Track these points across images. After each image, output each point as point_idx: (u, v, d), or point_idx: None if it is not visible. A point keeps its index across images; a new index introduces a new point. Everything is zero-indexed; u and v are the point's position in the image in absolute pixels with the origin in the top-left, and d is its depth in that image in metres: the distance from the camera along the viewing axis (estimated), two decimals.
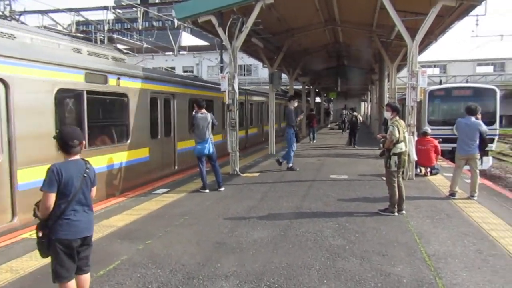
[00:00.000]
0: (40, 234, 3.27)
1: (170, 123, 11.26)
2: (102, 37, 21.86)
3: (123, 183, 8.92)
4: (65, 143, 3.35)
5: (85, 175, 3.36)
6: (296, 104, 11.71)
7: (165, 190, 8.65)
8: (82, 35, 22.66)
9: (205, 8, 10.40)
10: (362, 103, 52.23)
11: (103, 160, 8.24)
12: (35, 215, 3.32)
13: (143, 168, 9.76)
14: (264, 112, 22.61)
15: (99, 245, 5.05)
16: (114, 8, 21.98)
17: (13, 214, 6.11)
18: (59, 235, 3.25)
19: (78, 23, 24.62)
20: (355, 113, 19.56)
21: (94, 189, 3.53)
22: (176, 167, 11.39)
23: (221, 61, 26.56)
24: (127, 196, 8.22)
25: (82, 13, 22.81)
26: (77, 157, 3.42)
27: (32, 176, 6.18)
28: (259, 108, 22.30)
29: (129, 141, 9.20)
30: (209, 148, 8.37)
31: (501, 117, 17.42)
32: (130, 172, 9.11)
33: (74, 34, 21.29)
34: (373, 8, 11.33)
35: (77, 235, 3.33)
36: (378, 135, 8.14)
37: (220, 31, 10.36)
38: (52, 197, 3.20)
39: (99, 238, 5.46)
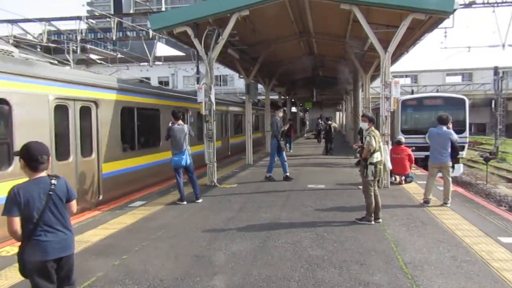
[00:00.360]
0: (18, 257, 3.14)
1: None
2: (74, 47, 21.49)
3: None
4: (33, 160, 3.13)
5: (51, 192, 3.14)
6: (281, 114, 11.71)
7: (142, 202, 8.50)
8: (53, 45, 22.28)
9: (181, 19, 10.40)
10: (338, 113, 53.10)
11: None
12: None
13: None
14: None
15: None
16: (87, 18, 21.63)
17: (99, 194, 8.61)
18: (29, 256, 3.09)
19: (49, 33, 24.13)
20: (330, 122, 20.26)
21: (72, 204, 3.34)
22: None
23: (197, 72, 26.53)
24: (102, 209, 8.03)
25: (54, 22, 22.37)
26: (43, 173, 3.21)
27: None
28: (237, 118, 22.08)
29: None
30: (187, 159, 8.30)
31: (470, 125, 18.01)
32: None
33: (45, 44, 20.88)
34: (347, 21, 11.58)
35: (48, 257, 3.13)
36: (354, 145, 8.26)
37: (196, 42, 10.36)
38: (15, 221, 3.03)
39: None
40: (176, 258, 5.18)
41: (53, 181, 3.19)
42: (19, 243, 3.16)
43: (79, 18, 21.05)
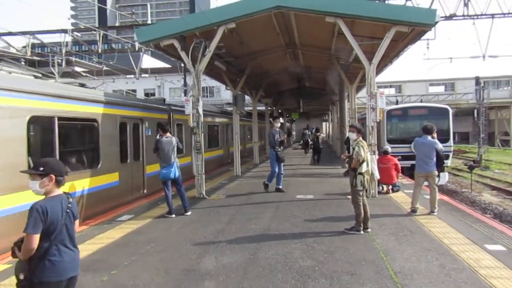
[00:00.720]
0: (22, 277, 2.98)
1: None
2: (59, 60, 21.33)
3: None
4: (62, 175, 3.13)
5: (68, 210, 3.12)
6: (279, 124, 11.56)
7: (130, 216, 8.40)
8: (38, 58, 22.08)
9: (167, 32, 10.44)
10: (324, 123, 53.49)
11: None
12: (14, 255, 3.03)
13: None
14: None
15: None
16: (73, 31, 21.52)
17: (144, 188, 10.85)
18: (43, 278, 2.98)
19: (33, 46, 23.91)
20: (318, 133, 20.78)
21: (76, 223, 3.29)
22: None
23: (185, 84, 26.54)
24: (89, 224, 7.92)
25: (38, 35, 22.21)
26: (60, 191, 3.18)
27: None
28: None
29: None
30: (175, 172, 8.27)
31: (454, 134, 18.35)
32: None
33: (29, 57, 20.68)
34: (332, 33, 11.75)
35: (61, 277, 3.06)
36: (342, 156, 8.34)
37: (183, 54, 10.39)
38: (37, 239, 2.93)
39: None
40: (166, 272, 5.13)
41: (70, 199, 3.18)
42: (14, 260, 3.05)
43: (64, 31, 20.94)
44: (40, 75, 10.58)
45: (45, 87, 8.06)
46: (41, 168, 3.09)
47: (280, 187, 11.08)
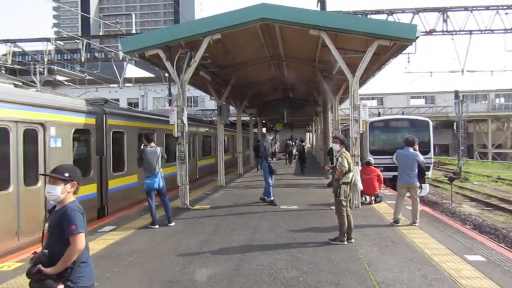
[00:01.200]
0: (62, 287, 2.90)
1: None
2: (41, 69, 21.04)
3: None
4: (81, 181, 3.21)
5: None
6: (271, 137, 11.53)
7: (112, 227, 8.27)
8: (19, 67, 21.73)
9: (152, 42, 10.45)
10: (308, 134, 53.88)
11: None
12: (38, 276, 2.86)
13: None
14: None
15: None
16: (55, 40, 21.29)
17: None
18: (83, 282, 2.99)
19: (14, 54, 23.56)
20: (303, 143, 21.94)
21: None
22: None
23: (169, 94, 26.46)
24: None
25: (20, 44, 21.91)
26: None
27: None
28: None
29: None
30: (159, 182, 8.20)
31: (434, 146, 18.72)
32: None
33: (10, 65, 20.35)
34: (316, 45, 11.94)
35: (93, 280, 3.14)
36: (326, 167, 8.41)
37: (168, 64, 10.39)
38: (85, 239, 2.99)
39: None
40: (149, 284, 5.06)
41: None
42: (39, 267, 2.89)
43: (47, 39, 20.69)
44: (21, 83, 10.41)
45: None
46: (67, 174, 3.10)
47: (265, 197, 10.94)
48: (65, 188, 3.07)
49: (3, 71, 18.13)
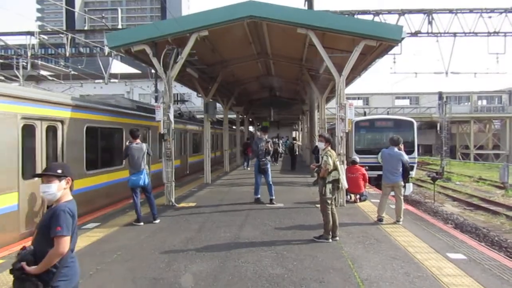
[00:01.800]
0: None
1: None
2: (24, 63, 20.63)
3: None
4: (72, 180, 3.15)
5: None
6: (264, 136, 10.91)
7: (96, 224, 8.17)
8: (1, 60, 21.27)
9: (139, 37, 10.34)
10: (294, 132, 54.05)
11: None
12: (20, 274, 2.82)
13: None
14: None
15: None
16: (39, 33, 20.89)
17: None
18: (69, 283, 2.98)
19: None
20: (294, 142, 22.67)
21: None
22: None
23: (156, 90, 26.25)
24: None
25: (2, 37, 21.45)
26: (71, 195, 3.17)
27: None
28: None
29: None
30: (145, 179, 8.13)
31: (418, 146, 18.99)
32: None
33: None
34: (303, 44, 11.98)
35: (76, 281, 3.09)
36: (311, 166, 8.45)
37: (154, 61, 10.30)
38: (69, 242, 2.92)
39: None
40: (133, 281, 5.02)
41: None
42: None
43: (30, 33, 20.29)
44: (3, 78, 10.25)
45: None
46: (59, 171, 3.06)
47: (272, 198, 10.47)
48: (60, 185, 3.03)
49: None
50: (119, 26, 30.11)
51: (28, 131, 7.83)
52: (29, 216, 7.68)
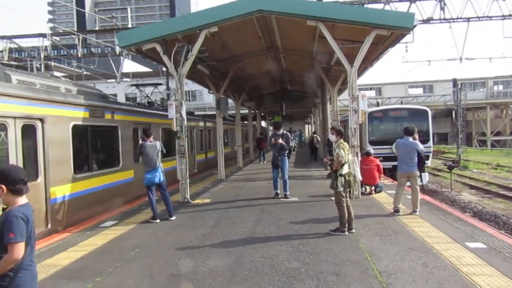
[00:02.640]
0: None
1: None
2: (38, 65, 20.93)
3: None
4: (14, 185, 2.89)
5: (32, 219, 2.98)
6: (281, 130, 10.61)
7: (113, 222, 8.29)
8: (16, 63, 21.61)
9: (149, 36, 10.39)
10: (306, 126, 53.86)
11: None
12: None
13: None
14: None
15: (43, 287, 4.72)
16: (52, 35, 21.15)
17: None
18: None
19: (10, 50, 23.42)
20: (315, 135, 22.87)
21: None
22: None
23: (167, 88, 26.38)
24: (71, 231, 7.78)
25: (16, 40, 21.77)
26: (26, 199, 3.00)
27: None
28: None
29: None
30: (160, 176, 8.21)
31: (433, 135, 18.74)
32: None
33: (7, 62, 20.22)
34: (313, 36, 11.88)
35: (36, 285, 3.02)
36: (324, 159, 8.39)
37: (165, 58, 10.34)
38: (23, 248, 2.81)
39: (43, 279, 5.09)
40: (151, 278, 5.08)
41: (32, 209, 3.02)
42: None
43: (43, 35, 20.56)
44: None
45: None
46: None
47: (286, 193, 10.40)
48: None
49: None
50: (129, 25, 30.24)
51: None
52: None
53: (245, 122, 31.35)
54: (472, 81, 51.81)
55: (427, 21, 20.17)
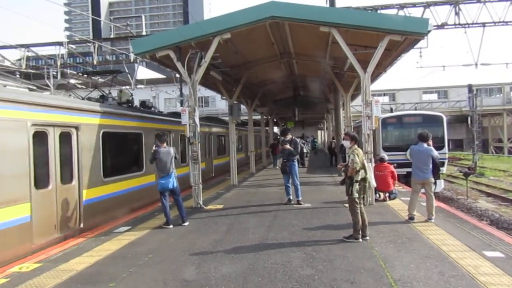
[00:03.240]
0: None
1: None
2: (54, 73, 21.30)
3: None
4: None
5: None
6: (288, 137, 10.59)
7: (127, 228, 8.35)
8: (33, 71, 22.05)
9: (163, 43, 10.51)
10: (319, 131, 53.65)
11: None
12: None
13: None
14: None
15: None
16: (68, 43, 21.54)
17: None
18: None
19: (28, 59, 23.92)
20: (333, 140, 22.28)
21: None
22: None
23: (181, 94, 26.62)
24: (86, 236, 7.86)
25: (33, 48, 22.22)
26: None
27: None
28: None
29: None
30: (173, 182, 8.26)
31: (448, 141, 18.48)
32: None
33: (24, 70, 20.65)
34: (326, 42, 11.86)
35: None
36: (338, 166, 8.34)
37: (179, 65, 10.44)
38: None
39: (58, 284, 5.15)
40: (164, 283, 5.09)
41: None
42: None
43: (60, 43, 20.95)
44: (35, 87, 10.56)
45: None
46: None
47: (299, 199, 10.33)
48: None
49: (18, 76, 18.40)
50: (143, 33, 30.67)
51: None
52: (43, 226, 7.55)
53: (258, 127, 31.39)
54: (488, 87, 51.09)
55: (442, 26, 19.98)
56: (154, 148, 8.43)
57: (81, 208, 8.76)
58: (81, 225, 8.70)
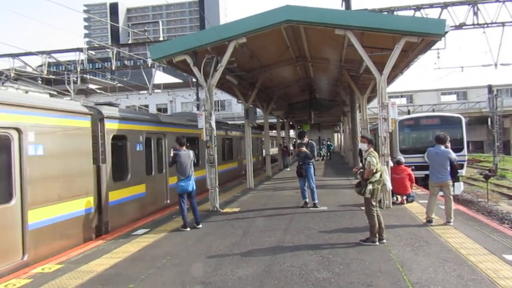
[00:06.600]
0: None
1: None
2: (74, 78, 21.80)
3: None
4: None
5: None
6: (305, 140, 10.72)
7: (145, 230, 8.49)
8: (54, 77, 22.62)
9: (180, 48, 10.67)
10: (335, 134, 53.33)
11: None
12: None
13: None
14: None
15: None
16: (87, 49, 22.02)
17: None
18: None
19: (49, 65, 24.53)
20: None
21: None
22: None
23: (197, 98, 26.89)
24: (105, 238, 8.02)
25: (53, 54, 22.77)
26: None
27: None
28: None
29: None
30: (193, 185, 8.40)
31: (467, 143, 18.18)
32: None
33: (45, 76, 21.20)
34: (341, 45, 11.84)
35: None
36: (354, 169, 8.30)
37: (195, 70, 10.58)
38: None
39: (79, 284, 5.29)
40: (182, 285, 5.17)
41: None
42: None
43: (79, 50, 21.44)
44: (56, 93, 10.85)
45: None
46: None
47: (315, 202, 10.35)
48: None
49: (39, 82, 18.92)
50: (161, 38, 31.13)
51: None
52: None
53: (274, 131, 31.47)
54: (508, 87, 49.99)
55: (460, 26, 19.69)
56: (173, 151, 8.56)
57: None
58: (25, 257, 6.46)
